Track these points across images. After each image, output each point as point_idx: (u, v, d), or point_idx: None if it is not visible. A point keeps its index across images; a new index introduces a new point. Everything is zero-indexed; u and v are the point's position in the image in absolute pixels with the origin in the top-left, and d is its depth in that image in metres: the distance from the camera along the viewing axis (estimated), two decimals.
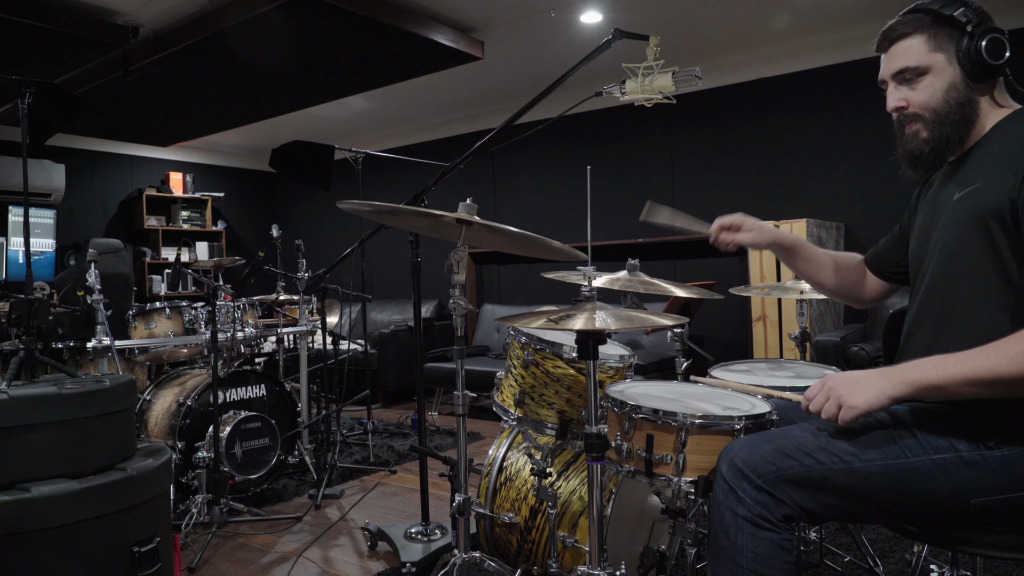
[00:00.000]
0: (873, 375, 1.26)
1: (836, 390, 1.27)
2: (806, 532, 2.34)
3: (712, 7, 4.14)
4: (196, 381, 3.33)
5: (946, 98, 1.32)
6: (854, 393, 1.25)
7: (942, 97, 1.32)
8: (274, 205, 8.34)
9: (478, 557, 1.90)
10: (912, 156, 1.37)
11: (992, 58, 1.28)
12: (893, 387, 1.23)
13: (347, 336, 5.00)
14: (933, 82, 1.33)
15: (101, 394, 1.87)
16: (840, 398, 1.26)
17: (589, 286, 1.71)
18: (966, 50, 1.29)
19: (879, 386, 1.24)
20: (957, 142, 1.34)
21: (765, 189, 4.92)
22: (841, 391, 1.26)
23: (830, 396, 1.27)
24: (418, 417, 2.61)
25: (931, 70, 1.32)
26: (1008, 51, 1.28)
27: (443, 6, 4.07)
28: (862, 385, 1.25)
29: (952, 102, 1.32)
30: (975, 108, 1.32)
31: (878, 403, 1.24)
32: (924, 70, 1.33)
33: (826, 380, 1.30)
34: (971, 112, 1.32)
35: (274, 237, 4.36)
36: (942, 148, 1.34)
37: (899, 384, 1.23)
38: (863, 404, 1.24)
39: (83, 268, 3.18)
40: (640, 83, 2.02)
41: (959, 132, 1.33)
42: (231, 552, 2.72)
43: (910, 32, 1.34)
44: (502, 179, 6.32)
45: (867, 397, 1.24)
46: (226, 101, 5.68)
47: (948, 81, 1.32)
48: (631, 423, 1.59)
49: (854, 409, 1.24)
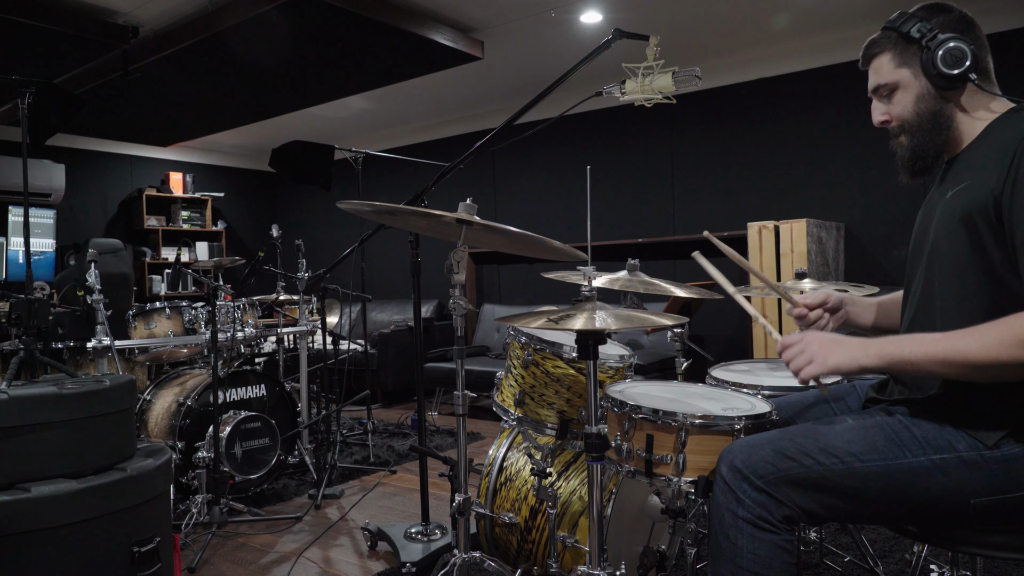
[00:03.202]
0: (853, 342, 1.28)
1: (812, 345, 1.30)
2: (806, 532, 2.34)
3: (712, 7, 4.14)
4: (196, 381, 3.33)
5: (916, 110, 1.37)
6: (827, 353, 1.27)
7: (912, 109, 1.38)
8: (274, 205, 8.34)
9: (478, 557, 1.90)
10: (902, 164, 1.43)
11: (949, 67, 1.31)
12: (867, 356, 1.25)
13: (347, 336, 5.00)
14: (904, 96, 1.39)
15: (101, 394, 1.87)
16: (813, 354, 1.29)
17: (589, 286, 1.71)
18: (925, 63, 1.34)
19: (853, 353, 1.26)
20: (937, 148, 1.38)
21: (765, 189, 4.92)
22: (816, 347, 1.29)
23: (805, 350, 1.30)
24: (418, 417, 2.61)
25: (900, 85, 1.38)
26: (969, 59, 1.30)
27: (443, 6, 4.07)
28: (838, 348, 1.28)
29: (923, 113, 1.37)
30: (949, 114, 1.36)
31: (847, 367, 1.26)
32: (895, 86, 1.39)
33: (806, 334, 1.33)
34: (944, 119, 1.36)
35: (274, 237, 4.36)
36: (921, 156, 1.39)
37: (874, 355, 1.25)
38: (832, 364, 1.26)
39: (83, 268, 3.18)
40: (640, 83, 2.02)
41: (935, 139, 1.37)
42: (231, 552, 2.72)
43: (880, 51, 1.41)
44: (502, 179, 6.32)
45: (838, 359, 1.26)
46: (226, 101, 5.68)
47: (916, 93, 1.37)
48: (631, 423, 1.59)
49: (822, 367, 1.27)
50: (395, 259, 7.01)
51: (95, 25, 4.11)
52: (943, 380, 1.29)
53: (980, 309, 1.25)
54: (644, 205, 5.50)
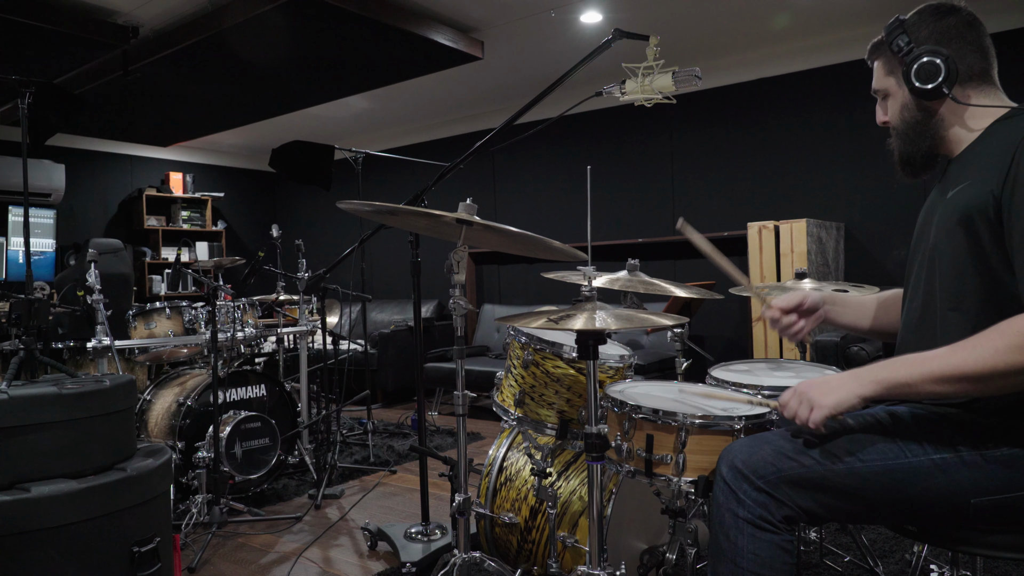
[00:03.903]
0: (844, 376, 1.27)
1: (807, 393, 1.28)
2: (806, 532, 2.34)
3: (712, 7, 4.14)
4: (196, 381, 3.33)
5: (901, 117, 1.42)
6: (824, 394, 1.26)
7: (898, 116, 1.42)
8: (274, 205, 8.34)
9: (478, 557, 1.90)
10: (896, 164, 1.47)
11: (922, 82, 1.33)
12: (862, 386, 1.24)
13: (347, 336, 5.00)
14: (892, 103, 1.43)
15: (101, 394, 1.87)
16: (811, 400, 1.27)
17: (589, 286, 1.71)
18: (903, 75, 1.36)
19: (848, 386, 1.25)
20: (923, 152, 1.41)
21: (765, 189, 4.92)
22: (812, 393, 1.28)
23: (802, 400, 1.29)
24: (418, 417, 2.61)
25: (888, 92, 1.43)
26: (942, 74, 1.31)
27: (443, 6, 4.07)
28: (831, 385, 1.27)
29: (907, 120, 1.40)
30: (933, 122, 1.38)
31: (847, 403, 1.24)
32: (885, 92, 1.44)
33: (799, 385, 1.32)
34: (928, 127, 1.38)
35: (274, 237, 4.36)
36: (909, 160, 1.43)
37: (868, 383, 1.24)
38: (831, 403, 1.25)
39: (83, 268, 3.18)
40: (640, 83, 2.02)
41: (919, 145, 1.40)
42: (231, 552, 2.72)
43: (876, 56, 1.45)
44: (502, 179, 6.33)
45: (836, 397, 1.25)
46: (226, 101, 5.68)
47: (901, 102, 1.41)
48: (631, 423, 1.59)
49: (823, 408, 1.25)
50: (395, 259, 7.01)
51: (95, 25, 4.11)
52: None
53: (978, 310, 1.25)
54: (644, 205, 5.50)
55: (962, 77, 1.33)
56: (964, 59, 1.33)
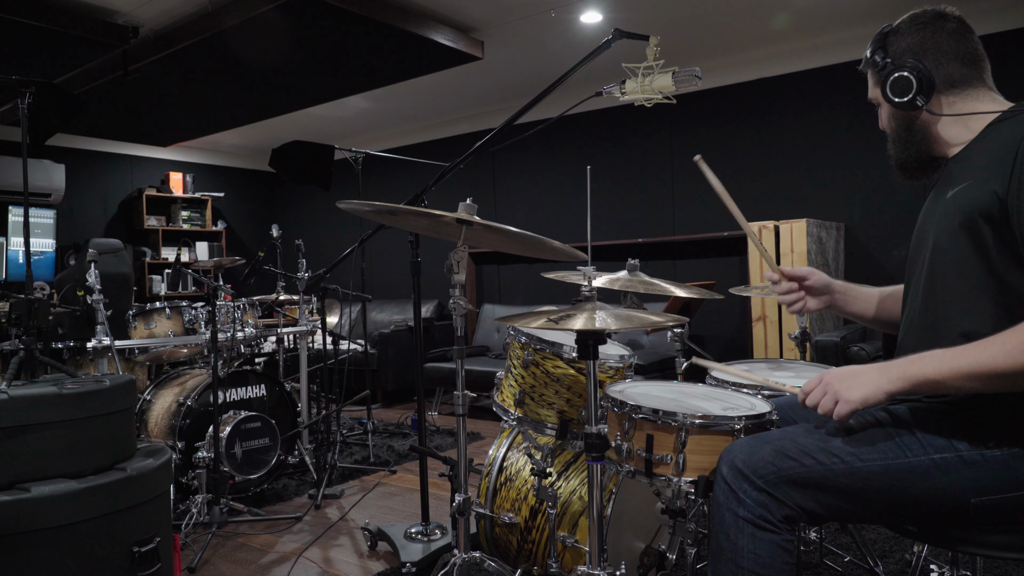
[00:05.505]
0: (871, 370, 1.27)
1: (833, 385, 1.28)
2: (806, 532, 2.34)
3: (712, 7, 4.14)
4: (196, 381, 3.33)
5: (891, 124, 1.47)
6: (851, 388, 1.26)
7: (888, 124, 1.48)
8: (274, 205, 8.34)
9: (478, 557, 1.90)
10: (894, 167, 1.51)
11: (898, 96, 1.37)
12: (890, 382, 1.24)
13: (347, 336, 5.00)
14: (883, 111, 1.49)
15: (101, 394, 1.87)
16: (837, 393, 1.27)
17: (589, 286, 1.71)
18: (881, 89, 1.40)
19: (876, 381, 1.25)
20: (915, 157, 1.44)
21: (765, 189, 4.92)
22: (838, 386, 1.27)
23: (827, 391, 1.29)
24: (418, 417, 2.61)
25: (879, 101, 1.48)
26: (913, 88, 1.34)
27: (443, 6, 4.07)
28: (859, 380, 1.26)
29: (897, 127, 1.45)
30: (920, 129, 1.42)
31: (874, 398, 1.24)
32: (877, 102, 1.49)
33: (824, 375, 1.31)
34: (915, 134, 1.42)
35: (274, 237, 4.36)
36: (902, 164, 1.47)
37: (896, 379, 1.24)
38: (859, 398, 1.25)
39: (83, 268, 3.18)
40: (640, 83, 2.02)
41: (909, 151, 1.44)
42: (231, 552, 2.72)
43: (866, 69, 1.50)
44: (502, 179, 6.33)
45: (863, 392, 1.25)
46: (226, 101, 5.68)
47: (888, 111, 1.47)
48: (631, 423, 1.59)
49: (850, 403, 1.25)
50: (395, 259, 7.01)
51: (95, 25, 4.11)
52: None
53: (984, 309, 1.25)
54: (644, 205, 5.50)
55: (941, 86, 1.36)
56: (942, 69, 1.36)
